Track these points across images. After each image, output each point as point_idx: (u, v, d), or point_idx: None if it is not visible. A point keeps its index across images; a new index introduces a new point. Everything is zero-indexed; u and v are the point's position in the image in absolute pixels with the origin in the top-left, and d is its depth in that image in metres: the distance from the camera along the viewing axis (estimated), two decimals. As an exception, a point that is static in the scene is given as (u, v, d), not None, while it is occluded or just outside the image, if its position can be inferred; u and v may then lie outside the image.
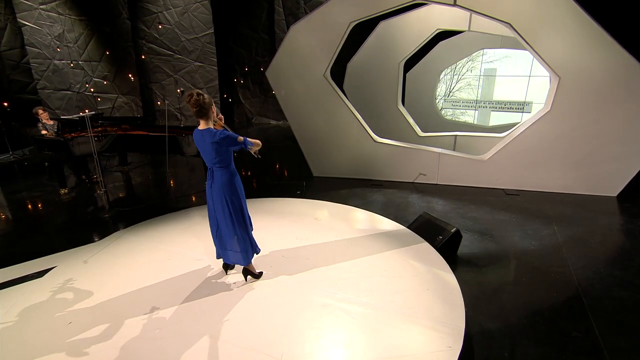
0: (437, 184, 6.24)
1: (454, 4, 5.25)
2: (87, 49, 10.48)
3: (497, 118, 11.20)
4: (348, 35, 5.84)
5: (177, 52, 11.22)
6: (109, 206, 5.28)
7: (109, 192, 5.89)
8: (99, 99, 10.55)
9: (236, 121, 12.66)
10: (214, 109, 2.83)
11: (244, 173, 7.15)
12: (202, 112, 2.74)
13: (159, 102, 11.25)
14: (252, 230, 3.16)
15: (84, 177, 6.62)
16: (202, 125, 2.80)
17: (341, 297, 2.92)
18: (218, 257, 3.22)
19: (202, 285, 3.14)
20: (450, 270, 3.29)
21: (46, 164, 7.45)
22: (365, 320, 2.67)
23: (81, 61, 10.50)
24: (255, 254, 3.18)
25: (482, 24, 7.18)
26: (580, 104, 5.12)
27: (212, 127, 2.80)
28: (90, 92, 10.19)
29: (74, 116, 6.15)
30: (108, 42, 10.74)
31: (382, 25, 7.79)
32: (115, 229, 4.45)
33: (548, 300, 3.14)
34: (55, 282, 3.28)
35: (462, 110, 12.19)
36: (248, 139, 2.83)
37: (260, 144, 2.91)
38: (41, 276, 3.42)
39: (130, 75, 10.79)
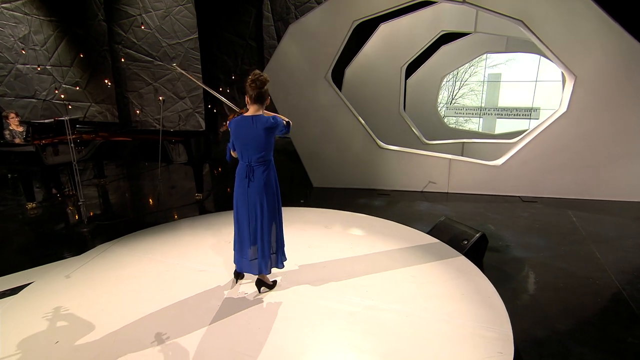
0: (447, 193, 6.26)
1: (463, 2, 5.43)
2: (57, 53, 10.32)
3: (503, 125, 11.50)
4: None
5: (157, 59, 11.15)
6: (88, 220, 5.05)
7: (87, 206, 5.65)
8: (69, 107, 10.31)
9: (220, 134, 12.54)
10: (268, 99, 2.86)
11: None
12: (261, 96, 2.75)
13: (137, 112, 11.08)
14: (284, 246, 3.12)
15: (54, 190, 6.36)
16: (252, 111, 2.78)
17: (370, 305, 2.81)
18: (241, 270, 3.07)
19: (209, 296, 2.97)
20: (483, 274, 3.24)
21: (9, 175, 7.16)
22: (400, 327, 2.56)
23: (49, 66, 10.31)
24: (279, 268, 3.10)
25: (488, 26, 7.44)
26: (598, 103, 5.28)
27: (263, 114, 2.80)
28: (61, 98, 9.96)
29: (47, 120, 5.96)
30: (81, 46, 10.60)
31: (382, 28, 7.98)
32: (97, 244, 4.23)
33: (593, 306, 3.11)
34: (34, 299, 3.06)
35: (465, 118, 12.48)
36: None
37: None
38: (16, 293, 3.19)
39: (107, 81, 10.62)
